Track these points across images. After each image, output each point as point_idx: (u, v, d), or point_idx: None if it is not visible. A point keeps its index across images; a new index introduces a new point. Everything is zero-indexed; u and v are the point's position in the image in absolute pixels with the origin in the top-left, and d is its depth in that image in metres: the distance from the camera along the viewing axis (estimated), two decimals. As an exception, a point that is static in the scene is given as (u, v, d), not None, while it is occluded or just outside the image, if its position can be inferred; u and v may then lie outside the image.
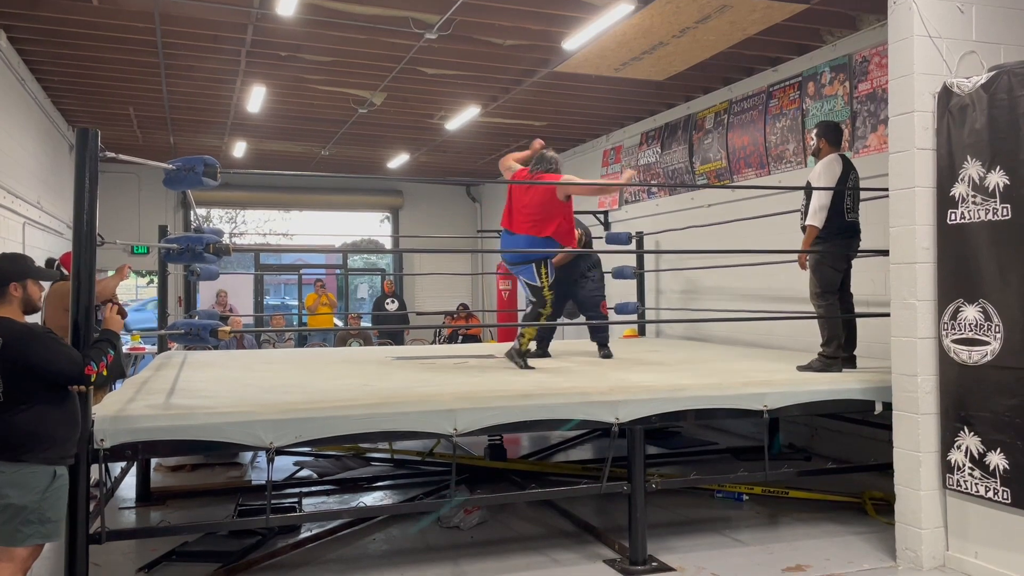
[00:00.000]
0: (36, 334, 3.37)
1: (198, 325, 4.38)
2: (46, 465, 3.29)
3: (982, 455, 4.11)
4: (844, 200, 5.25)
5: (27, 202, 8.42)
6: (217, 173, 4.09)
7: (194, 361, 6.77)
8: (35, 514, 3.23)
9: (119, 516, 5.58)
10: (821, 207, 5.19)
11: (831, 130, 5.46)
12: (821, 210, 5.19)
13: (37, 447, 3.27)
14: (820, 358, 5.30)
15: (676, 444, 7.62)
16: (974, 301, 4.15)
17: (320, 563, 4.54)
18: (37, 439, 3.27)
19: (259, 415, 3.89)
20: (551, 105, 9.61)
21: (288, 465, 6.87)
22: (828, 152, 5.34)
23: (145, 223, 13.21)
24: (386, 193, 15.94)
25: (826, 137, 5.39)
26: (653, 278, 9.89)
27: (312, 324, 13.00)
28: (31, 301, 3.48)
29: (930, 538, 4.31)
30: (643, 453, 4.57)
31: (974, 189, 4.15)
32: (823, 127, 5.49)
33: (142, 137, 11.58)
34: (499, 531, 5.13)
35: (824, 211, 5.19)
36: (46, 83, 8.98)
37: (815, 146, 5.50)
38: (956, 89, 4.25)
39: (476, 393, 4.44)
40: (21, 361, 3.26)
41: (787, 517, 5.36)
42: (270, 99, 9.28)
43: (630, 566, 4.38)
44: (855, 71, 6.92)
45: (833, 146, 5.38)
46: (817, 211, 5.20)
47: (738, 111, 8.44)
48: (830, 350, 5.27)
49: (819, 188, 5.26)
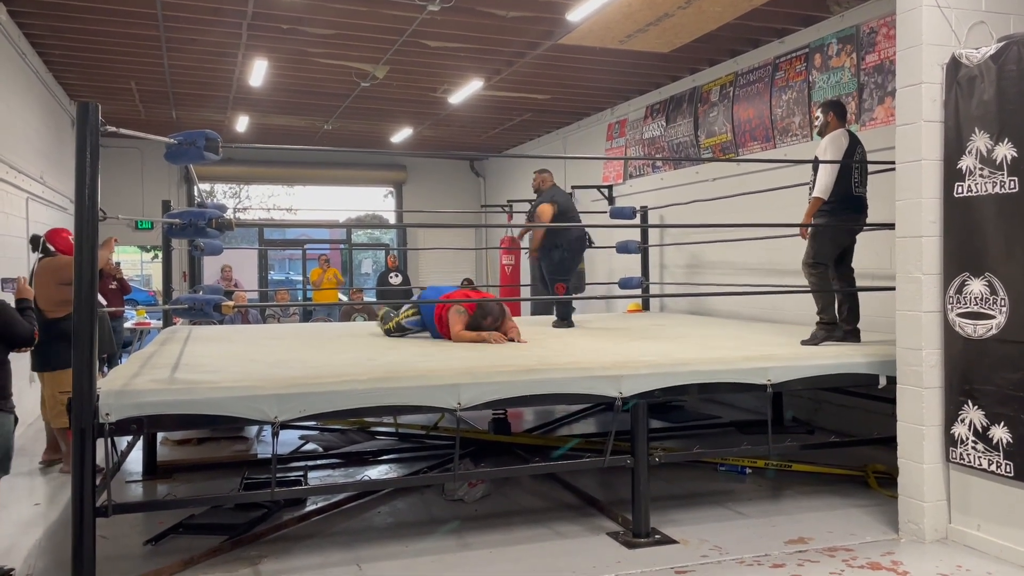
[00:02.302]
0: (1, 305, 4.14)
1: (202, 300, 4.37)
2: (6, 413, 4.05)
3: (986, 429, 4.11)
4: (852, 174, 5.29)
5: (30, 177, 8.40)
6: (219, 147, 4.07)
7: (199, 336, 6.79)
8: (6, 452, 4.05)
9: (126, 489, 5.62)
10: (829, 180, 5.23)
11: (839, 106, 5.53)
12: (829, 182, 5.23)
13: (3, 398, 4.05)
14: (820, 327, 5.36)
15: (679, 418, 7.64)
16: (980, 275, 4.13)
17: (326, 535, 4.58)
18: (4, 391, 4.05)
19: (264, 389, 3.90)
20: (555, 78, 9.53)
21: (293, 439, 6.91)
22: (836, 127, 5.39)
23: (148, 199, 13.21)
24: (390, 168, 15.88)
25: (834, 111, 5.45)
26: (657, 252, 9.87)
27: (317, 299, 13.03)
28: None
29: (933, 511, 4.33)
30: (646, 427, 4.58)
31: (982, 162, 4.11)
32: (831, 103, 5.56)
33: (144, 112, 11.53)
34: (503, 504, 5.16)
35: (831, 184, 5.23)
36: (47, 57, 8.93)
37: (822, 121, 5.51)
38: (965, 60, 4.19)
39: (480, 368, 4.44)
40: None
41: (790, 490, 5.38)
42: (272, 72, 9.22)
43: (633, 538, 4.41)
44: (862, 42, 6.84)
45: (840, 121, 5.44)
46: (823, 184, 5.24)
47: (744, 84, 8.37)
48: (828, 317, 5.36)
49: (827, 161, 5.27)
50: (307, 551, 4.32)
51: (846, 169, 5.25)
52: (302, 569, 4.06)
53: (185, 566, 4.05)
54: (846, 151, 5.26)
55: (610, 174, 11.17)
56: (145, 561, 4.15)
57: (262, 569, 4.06)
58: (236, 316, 9.91)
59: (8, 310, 4.20)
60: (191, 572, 4.00)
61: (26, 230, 8.10)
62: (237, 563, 4.14)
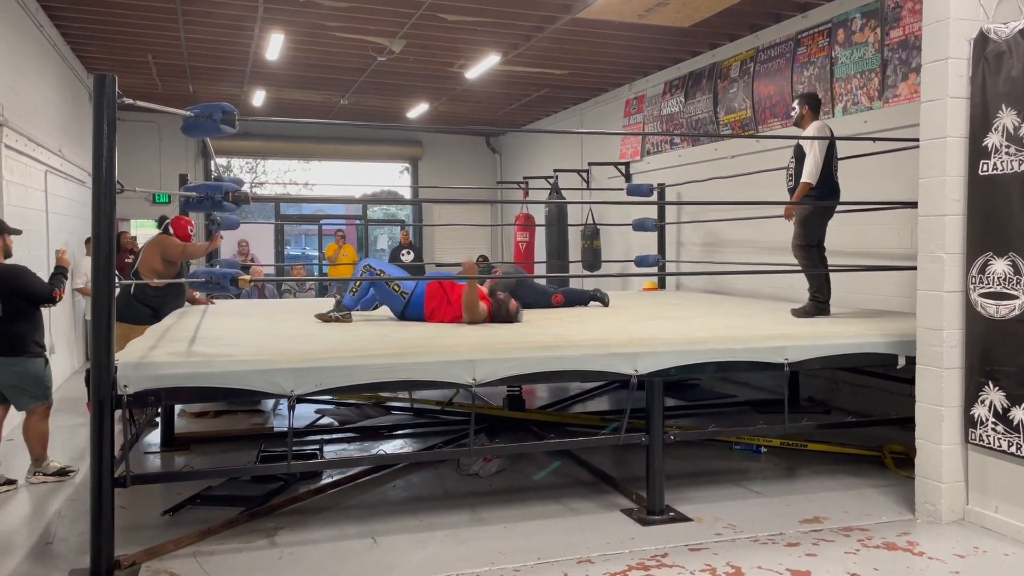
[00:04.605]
0: (21, 269, 5.09)
1: (219, 274, 4.38)
2: (38, 357, 5.06)
3: (1006, 410, 4.07)
4: (832, 162, 5.64)
5: (49, 150, 8.43)
6: (235, 120, 4.05)
7: (216, 310, 6.82)
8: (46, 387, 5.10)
9: (144, 461, 5.69)
10: (816, 166, 5.53)
11: (813, 98, 5.87)
12: (816, 168, 5.53)
13: (31, 344, 5.02)
14: (812, 303, 5.70)
15: (695, 397, 7.62)
16: (1004, 255, 4.07)
17: (341, 508, 4.62)
18: (30, 339, 5.01)
19: (280, 363, 3.91)
20: (573, 53, 9.43)
21: (309, 413, 6.95)
22: (811, 119, 5.73)
23: (166, 173, 13.26)
24: (406, 143, 15.84)
25: (809, 103, 5.79)
26: (674, 230, 9.81)
27: (333, 274, 13.06)
28: (8, 249, 5.12)
29: (950, 492, 4.30)
30: (661, 405, 4.56)
31: (1008, 139, 4.03)
32: (806, 96, 5.87)
33: (161, 85, 11.53)
34: (517, 480, 5.18)
35: (819, 170, 5.53)
36: (64, 29, 8.93)
37: (797, 113, 5.81)
38: (993, 35, 4.10)
39: (495, 344, 4.44)
40: (15, 288, 4.94)
41: (805, 470, 5.37)
42: (288, 46, 9.17)
43: (647, 515, 4.41)
44: (887, 17, 6.71)
45: (814, 113, 5.77)
46: (813, 169, 5.53)
47: (764, 59, 8.25)
48: (821, 296, 5.71)
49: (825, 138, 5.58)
50: (323, 523, 4.35)
51: (828, 157, 5.57)
52: (318, 541, 4.10)
53: (202, 537, 4.09)
54: (828, 142, 5.59)
55: (627, 151, 11.08)
56: (163, 531, 4.19)
57: (278, 540, 4.10)
58: (253, 291, 9.95)
59: (26, 273, 5.08)
60: (208, 543, 4.05)
61: (44, 203, 8.14)
62: (254, 534, 4.18)
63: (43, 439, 5.16)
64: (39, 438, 5.14)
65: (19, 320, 4.97)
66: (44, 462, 5.17)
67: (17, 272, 5.05)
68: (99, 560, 3.59)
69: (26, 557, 3.94)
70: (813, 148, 5.54)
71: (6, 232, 5.17)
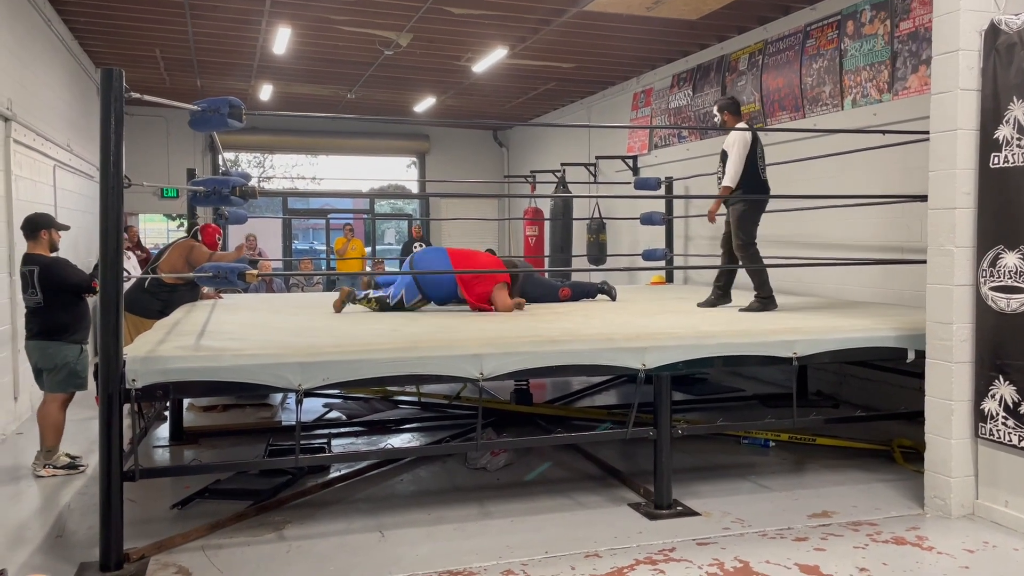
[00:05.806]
0: (59, 262, 5.35)
1: (227, 268, 4.38)
2: (74, 344, 5.26)
3: (1017, 404, 4.04)
4: (757, 162, 5.79)
5: (57, 145, 8.45)
6: (242, 114, 4.05)
7: (224, 304, 6.84)
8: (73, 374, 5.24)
9: (153, 454, 5.71)
10: (736, 170, 5.70)
11: (732, 104, 6.08)
12: (737, 172, 5.71)
13: (67, 332, 5.22)
14: (758, 300, 5.81)
15: (703, 391, 7.61)
16: (1015, 248, 4.04)
17: (349, 502, 4.62)
18: (68, 327, 5.22)
19: (288, 357, 3.92)
20: (580, 46, 9.40)
21: (317, 407, 6.96)
22: (733, 123, 5.90)
23: (174, 167, 13.27)
24: (413, 137, 15.83)
25: (728, 110, 5.97)
26: (682, 224, 9.77)
27: (341, 269, 13.08)
28: (54, 243, 5.39)
29: (960, 486, 4.28)
30: (669, 399, 4.56)
31: (1020, 132, 4.00)
32: (726, 102, 6.07)
33: (169, 80, 11.54)
34: (525, 474, 5.17)
35: (739, 174, 5.71)
36: (72, 24, 8.94)
37: (719, 120, 5.99)
38: (1004, 27, 4.07)
39: (502, 338, 4.43)
40: (55, 279, 5.17)
41: (813, 464, 5.35)
42: (295, 40, 9.17)
43: (655, 510, 4.41)
44: (897, 8, 6.66)
45: (736, 117, 5.96)
46: (732, 174, 5.71)
47: (773, 52, 8.20)
48: (765, 292, 5.83)
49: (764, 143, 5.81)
50: (330, 517, 4.36)
51: (752, 158, 5.74)
52: (326, 535, 4.11)
53: (211, 530, 4.10)
54: (751, 143, 5.75)
55: (635, 144, 11.04)
56: (172, 524, 4.21)
57: (286, 534, 4.11)
58: (261, 285, 9.97)
59: (64, 264, 5.37)
60: (217, 536, 4.06)
61: (53, 197, 8.16)
62: (262, 528, 4.19)
63: (57, 430, 5.20)
64: (53, 428, 5.18)
65: (59, 310, 5.18)
66: (55, 455, 5.19)
67: (56, 263, 5.29)
68: (108, 553, 3.61)
69: (36, 550, 3.96)
70: (732, 152, 5.71)
71: (54, 227, 5.38)
